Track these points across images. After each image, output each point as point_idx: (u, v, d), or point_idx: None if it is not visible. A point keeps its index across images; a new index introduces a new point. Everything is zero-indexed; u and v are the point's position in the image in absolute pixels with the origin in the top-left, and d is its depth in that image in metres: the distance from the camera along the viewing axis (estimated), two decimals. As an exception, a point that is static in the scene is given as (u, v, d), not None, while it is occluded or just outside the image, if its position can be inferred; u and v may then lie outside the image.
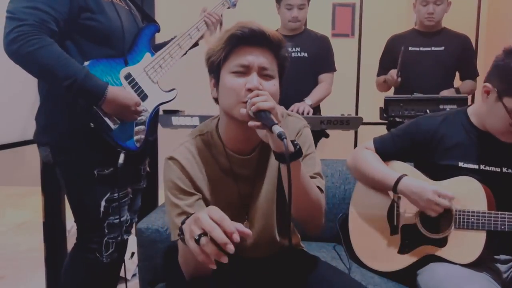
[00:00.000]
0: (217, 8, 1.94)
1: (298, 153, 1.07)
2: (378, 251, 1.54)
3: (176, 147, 1.22)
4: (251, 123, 1.02)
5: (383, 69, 2.80)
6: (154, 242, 1.56)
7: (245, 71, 1.12)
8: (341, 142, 3.01)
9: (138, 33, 1.64)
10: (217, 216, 0.85)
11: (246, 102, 1.06)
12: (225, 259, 0.84)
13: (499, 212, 1.34)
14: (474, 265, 1.35)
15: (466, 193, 1.40)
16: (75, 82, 1.37)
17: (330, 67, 2.65)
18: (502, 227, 1.33)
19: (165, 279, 1.39)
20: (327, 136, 2.35)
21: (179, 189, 1.16)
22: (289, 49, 2.50)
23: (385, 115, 2.22)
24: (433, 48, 2.65)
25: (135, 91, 1.57)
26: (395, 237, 1.51)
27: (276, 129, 0.98)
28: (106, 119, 1.47)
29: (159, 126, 1.89)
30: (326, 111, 2.64)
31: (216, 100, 1.19)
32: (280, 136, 0.96)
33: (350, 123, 2.16)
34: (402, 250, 1.48)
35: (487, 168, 1.43)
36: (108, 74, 1.50)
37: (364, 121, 2.23)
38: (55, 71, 1.36)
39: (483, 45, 3.38)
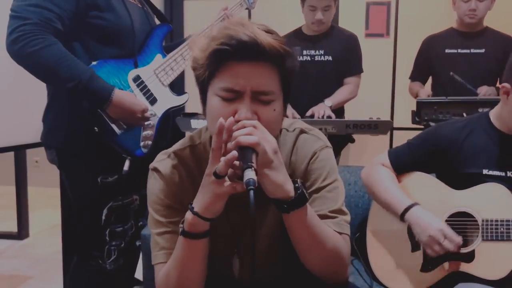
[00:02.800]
0: (234, 9, 1.88)
1: (299, 201, 0.90)
2: (398, 269, 1.44)
3: (161, 156, 1.08)
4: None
5: (417, 72, 2.69)
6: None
7: (235, 96, 0.92)
8: (374, 148, 2.90)
9: (149, 33, 1.61)
10: None
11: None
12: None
13: None
14: (508, 283, 1.27)
15: (493, 200, 1.32)
16: (80, 84, 1.35)
17: (357, 69, 2.52)
18: None
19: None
20: (352, 141, 2.24)
21: (163, 204, 1.04)
22: (312, 51, 2.41)
23: (417, 118, 2.11)
24: (472, 51, 2.48)
25: (144, 94, 1.54)
26: (417, 253, 1.40)
27: (247, 174, 0.80)
28: (111, 123, 1.44)
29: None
30: (358, 114, 2.52)
31: None
32: (248, 185, 0.78)
33: (378, 127, 2.04)
34: (425, 268, 1.38)
35: None
36: (115, 75, 1.48)
37: (400, 125, 2.11)
38: (59, 72, 1.34)
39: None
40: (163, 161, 1.06)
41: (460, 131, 1.43)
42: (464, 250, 1.32)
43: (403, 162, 1.49)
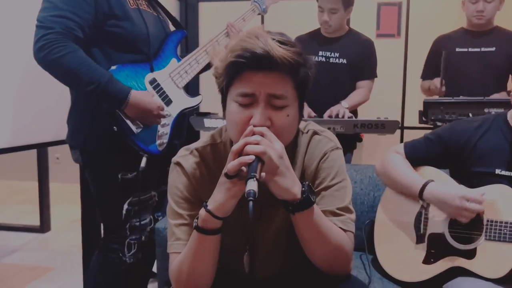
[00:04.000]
0: (246, 15, 1.94)
1: (304, 204, 0.96)
2: (402, 259, 1.49)
3: (183, 151, 1.14)
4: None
5: (428, 72, 2.69)
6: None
7: (251, 101, 0.97)
8: (385, 148, 2.92)
9: (164, 39, 1.68)
10: None
11: None
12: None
13: None
14: (506, 282, 1.28)
15: (499, 202, 1.32)
16: (99, 87, 1.43)
17: (370, 74, 2.54)
18: None
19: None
20: (360, 140, 2.28)
21: (183, 198, 1.10)
22: (328, 53, 2.44)
23: (424, 118, 2.12)
24: (482, 49, 2.48)
25: (160, 96, 1.61)
26: (421, 246, 1.44)
27: (248, 185, 0.84)
28: (129, 122, 1.52)
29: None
30: (370, 114, 2.55)
31: None
32: (248, 196, 0.83)
33: (385, 126, 2.07)
34: (427, 260, 1.42)
35: None
36: (133, 79, 1.56)
37: (411, 125, 2.14)
38: (80, 76, 1.42)
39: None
40: (185, 157, 1.12)
41: (476, 130, 1.44)
42: (466, 247, 1.35)
43: (418, 155, 1.52)
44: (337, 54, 2.47)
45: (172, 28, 1.86)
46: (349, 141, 2.42)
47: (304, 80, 1.01)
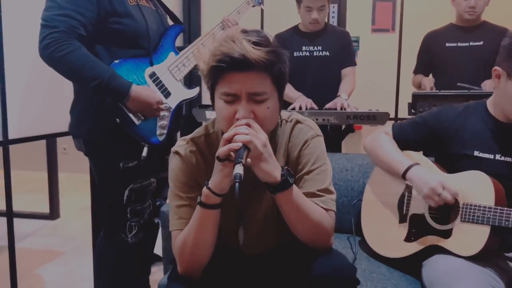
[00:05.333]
0: (241, 8, 2.00)
1: (283, 185, 1.08)
2: (385, 237, 1.59)
3: (181, 141, 1.26)
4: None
5: (420, 66, 2.79)
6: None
7: (234, 99, 1.10)
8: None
9: (163, 34, 1.75)
10: None
11: None
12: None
13: (505, 209, 1.34)
14: (480, 260, 1.36)
15: (475, 187, 1.41)
16: (102, 82, 1.50)
17: (352, 61, 2.66)
18: (506, 223, 1.33)
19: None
20: (353, 131, 2.40)
21: (183, 182, 1.21)
22: (311, 47, 2.55)
23: (413, 110, 2.22)
24: (471, 43, 2.58)
25: (159, 88, 1.69)
26: (403, 225, 1.55)
27: (236, 169, 0.97)
28: (131, 115, 1.59)
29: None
30: (366, 106, 2.65)
31: None
32: (234, 178, 0.96)
33: (376, 118, 2.19)
34: (408, 239, 1.52)
35: (502, 158, 1.43)
36: (133, 73, 1.64)
37: (404, 117, 2.21)
38: (84, 72, 1.49)
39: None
40: (182, 146, 1.24)
41: (459, 115, 1.53)
42: (443, 228, 1.43)
43: (405, 136, 1.60)
44: (320, 48, 2.58)
45: (170, 22, 1.92)
46: (344, 132, 2.56)
47: (280, 74, 1.12)
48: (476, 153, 1.47)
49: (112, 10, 1.57)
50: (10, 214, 1.87)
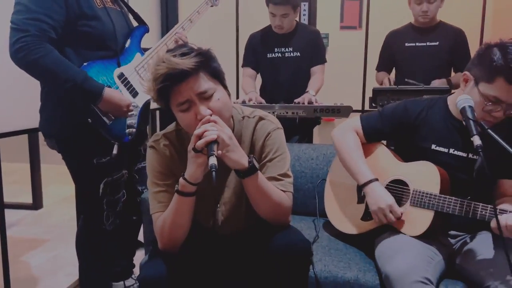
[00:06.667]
0: (201, 7, 2.06)
1: (251, 170, 1.25)
2: (345, 215, 1.75)
3: (155, 137, 1.40)
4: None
5: (382, 64, 2.96)
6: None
7: (189, 105, 1.23)
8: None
9: (128, 35, 1.81)
10: None
11: None
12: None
13: (447, 197, 1.47)
14: (425, 238, 1.49)
15: (424, 175, 1.54)
16: (76, 85, 1.54)
17: (321, 60, 2.79)
18: (448, 210, 1.46)
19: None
20: (319, 123, 2.58)
21: (159, 171, 1.36)
22: (282, 49, 2.71)
23: (373, 104, 2.40)
24: (428, 44, 2.76)
25: (127, 89, 1.75)
26: (361, 205, 1.69)
27: (210, 160, 1.13)
28: (102, 116, 1.65)
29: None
30: (334, 101, 2.74)
31: None
32: (210, 168, 1.11)
33: (340, 111, 2.37)
34: (364, 218, 1.67)
35: (455, 152, 1.55)
36: (103, 74, 1.68)
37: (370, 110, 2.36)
38: (57, 75, 1.53)
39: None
40: (157, 141, 1.40)
41: (423, 110, 1.61)
42: None
43: (374, 128, 1.69)
44: (291, 49, 2.74)
45: (134, 22, 1.97)
46: (312, 124, 2.75)
47: (215, 69, 1.28)
48: (433, 146, 1.58)
49: (81, 13, 1.61)
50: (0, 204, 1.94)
